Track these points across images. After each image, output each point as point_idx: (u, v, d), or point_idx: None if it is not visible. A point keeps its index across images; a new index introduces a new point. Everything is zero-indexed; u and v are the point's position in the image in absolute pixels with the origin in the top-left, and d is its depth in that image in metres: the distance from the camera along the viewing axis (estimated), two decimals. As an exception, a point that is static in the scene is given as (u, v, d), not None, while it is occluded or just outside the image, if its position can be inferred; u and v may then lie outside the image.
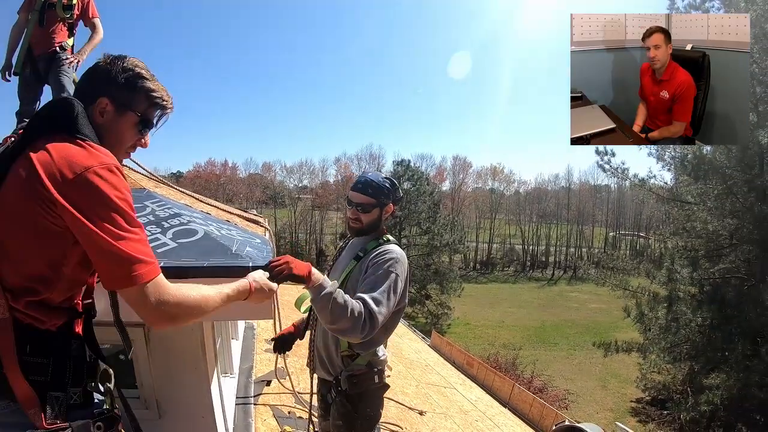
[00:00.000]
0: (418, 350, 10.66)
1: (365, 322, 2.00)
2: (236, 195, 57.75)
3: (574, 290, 47.65)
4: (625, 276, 19.60)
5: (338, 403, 2.38)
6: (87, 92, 1.40)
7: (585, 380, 25.26)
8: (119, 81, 1.41)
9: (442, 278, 37.46)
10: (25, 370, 1.17)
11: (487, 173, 69.26)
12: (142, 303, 1.23)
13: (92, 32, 4.35)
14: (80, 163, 1.20)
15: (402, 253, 2.32)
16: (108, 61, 1.43)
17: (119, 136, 1.45)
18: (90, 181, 1.19)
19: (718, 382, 13.33)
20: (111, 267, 1.21)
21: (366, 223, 2.39)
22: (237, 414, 3.61)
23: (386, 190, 2.37)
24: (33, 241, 1.21)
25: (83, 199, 1.18)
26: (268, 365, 4.79)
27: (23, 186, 1.19)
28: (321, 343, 2.45)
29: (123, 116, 1.43)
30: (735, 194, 14.16)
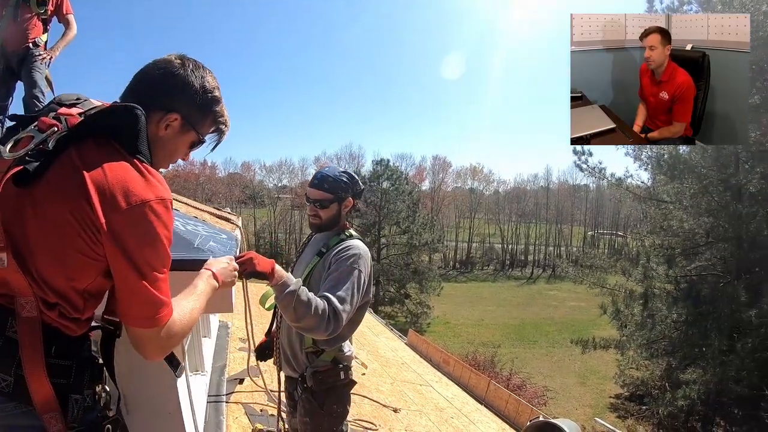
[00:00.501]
0: (394, 348, 10.66)
1: (329, 320, 2.02)
2: (215, 194, 56.99)
3: (552, 288, 48.17)
4: (602, 274, 19.98)
5: (304, 400, 2.38)
6: (152, 100, 1.27)
7: (564, 377, 25.59)
8: (196, 100, 1.33)
9: (422, 277, 37.57)
10: (49, 372, 1.12)
11: (467, 173, 69.69)
12: (154, 342, 1.21)
13: (66, 28, 4.29)
14: (137, 194, 1.12)
15: (364, 248, 2.33)
16: (187, 72, 1.31)
17: (173, 153, 1.39)
18: (143, 216, 1.12)
19: (695, 377, 13.61)
20: (138, 308, 1.16)
21: (325, 218, 2.38)
22: (208, 412, 3.58)
23: (343, 184, 2.34)
24: (64, 261, 1.13)
25: (130, 236, 1.12)
26: (242, 363, 4.77)
27: (68, 200, 1.09)
28: (285, 340, 2.46)
29: (185, 134, 1.36)
30: (710, 193, 14.48)
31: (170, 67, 1.30)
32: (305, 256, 2.50)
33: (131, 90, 1.30)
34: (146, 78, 1.30)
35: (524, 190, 70.07)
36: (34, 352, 1.10)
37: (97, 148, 1.16)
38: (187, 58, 1.34)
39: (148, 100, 1.25)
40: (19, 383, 1.09)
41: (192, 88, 1.31)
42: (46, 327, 1.13)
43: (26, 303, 1.10)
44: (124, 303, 1.17)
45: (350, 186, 2.36)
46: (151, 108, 1.25)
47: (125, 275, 1.13)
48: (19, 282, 1.09)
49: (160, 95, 1.28)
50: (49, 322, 1.14)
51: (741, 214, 13.53)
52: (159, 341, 1.20)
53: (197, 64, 1.35)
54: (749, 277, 14.74)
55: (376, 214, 38.13)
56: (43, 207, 1.10)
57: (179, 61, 1.32)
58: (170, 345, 1.26)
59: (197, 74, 1.33)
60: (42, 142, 1.14)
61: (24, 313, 1.10)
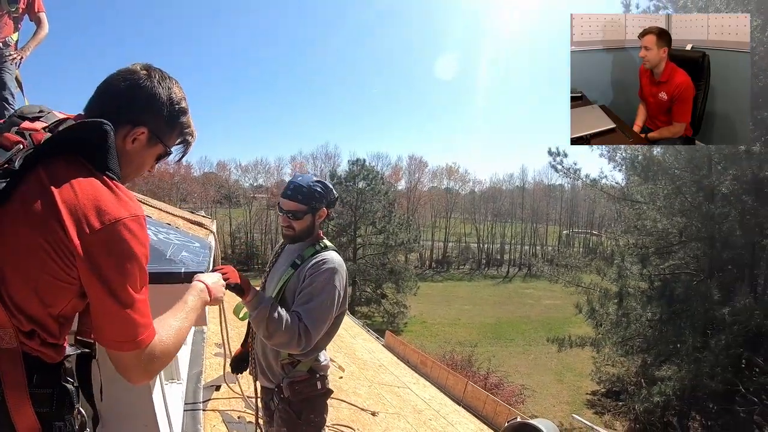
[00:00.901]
0: (371, 350, 10.66)
1: (300, 337, 2.03)
2: (190, 194, 56.22)
3: (528, 287, 48.72)
4: (577, 273, 20.24)
5: (281, 411, 2.35)
6: (118, 113, 1.22)
7: (541, 375, 25.89)
8: (164, 113, 1.29)
9: (398, 277, 37.57)
10: (33, 402, 1.08)
11: (443, 173, 70.07)
12: (136, 366, 1.17)
13: (37, 27, 4.18)
14: (110, 212, 1.08)
15: (339, 261, 2.29)
16: (153, 84, 1.27)
17: (140, 166, 1.35)
18: (117, 235, 1.08)
19: (670, 373, 13.91)
20: (116, 332, 1.12)
21: (298, 230, 2.31)
22: (185, 420, 3.54)
23: (317, 194, 2.27)
24: (38, 286, 1.07)
25: (106, 257, 1.07)
26: (218, 369, 4.70)
27: (38, 223, 1.04)
28: (260, 351, 2.42)
29: (152, 147, 1.32)
30: (684, 194, 14.80)
31: (136, 78, 1.25)
32: (279, 267, 2.44)
33: (96, 102, 1.25)
34: (111, 90, 1.25)
35: (500, 190, 70.78)
36: (16, 384, 1.06)
37: (65, 165, 1.10)
38: (152, 69, 1.30)
39: (114, 113, 1.20)
40: (2, 415, 1.04)
41: (159, 100, 1.27)
42: (26, 356, 1.09)
43: (4, 334, 1.05)
44: (101, 327, 1.13)
45: (324, 196, 2.30)
46: (117, 122, 1.20)
47: (102, 299, 1.09)
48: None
49: (126, 109, 1.24)
50: (29, 351, 1.09)
51: (713, 215, 13.85)
52: (142, 364, 1.17)
53: (163, 75, 1.31)
54: (722, 275, 15.13)
55: (352, 214, 37.99)
56: (14, 230, 1.04)
57: (145, 72, 1.27)
58: (156, 367, 1.22)
59: (164, 86, 1.28)
60: (7, 161, 1.07)
61: (3, 345, 1.05)
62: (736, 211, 13.94)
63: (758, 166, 12.36)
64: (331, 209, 2.39)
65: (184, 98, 1.36)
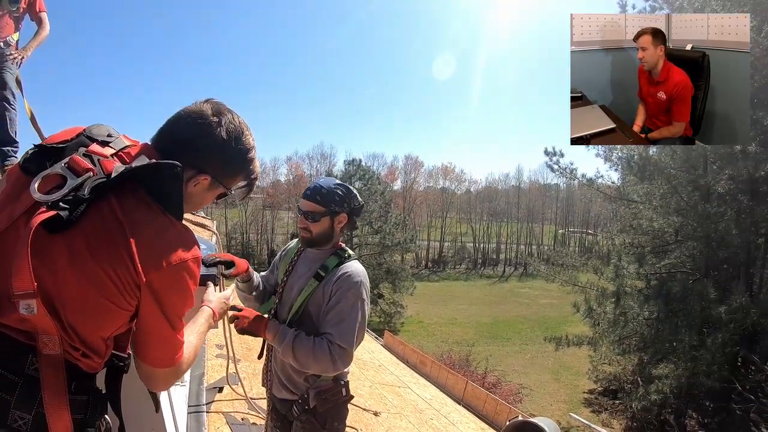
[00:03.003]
0: (371, 350, 10.65)
1: (335, 360, 2.00)
2: (187, 194, 56.14)
3: (525, 286, 48.80)
4: (574, 272, 20.31)
5: (304, 422, 2.27)
6: (185, 158, 1.23)
7: (538, 374, 25.93)
8: (230, 163, 1.33)
9: (395, 277, 37.59)
10: (71, 408, 1.10)
11: (439, 173, 70.14)
12: (166, 378, 1.29)
13: (38, 27, 4.15)
14: (176, 254, 1.14)
15: (364, 273, 2.21)
16: (223, 133, 1.27)
17: (198, 205, 1.41)
18: (180, 275, 1.16)
19: (667, 372, 13.96)
20: (162, 352, 1.23)
21: (316, 233, 2.20)
22: (189, 423, 3.51)
23: (337, 197, 2.17)
24: (96, 312, 1.12)
25: (166, 291, 1.15)
26: (220, 371, 4.69)
27: (108, 253, 1.07)
28: (279, 366, 2.33)
29: (213, 190, 1.36)
30: (679, 193, 14.87)
31: (206, 125, 1.26)
32: (299, 276, 2.29)
33: (164, 140, 1.28)
34: (180, 132, 1.27)
35: (496, 190, 70.91)
36: (57, 390, 1.07)
37: (136, 202, 1.14)
38: (223, 113, 1.30)
39: (180, 156, 1.21)
40: (37, 421, 1.05)
41: (228, 151, 1.30)
42: (67, 364, 1.11)
43: (49, 341, 1.07)
44: (149, 346, 1.22)
45: (345, 200, 2.19)
46: (183, 164, 1.21)
47: (158, 326, 1.18)
48: (46, 324, 1.05)
49: (193, 155, 1.26)
50: (70, 360, 1.12)
51: (709, 214, 13.92)
52: (169, 378, 1.30)
53: (234, 120, 1.31)
54: (717, 274, 15.22)
55: (356, 224, 37.98)
56: (82, 258, 1.06)
57: (216, 119, 1.27)
58: (177, 379, 1.34)
59: (233, 135, 1.29)
60: (77, 188, 1.08)
61: (46, 351, 1.07)
62: (732, 211, 14.03)
63: (754, 166, 12.42)
64: (355, 217, 2.28)
65: (253, 147, 1.38)
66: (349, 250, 2.30)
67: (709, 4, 11.80)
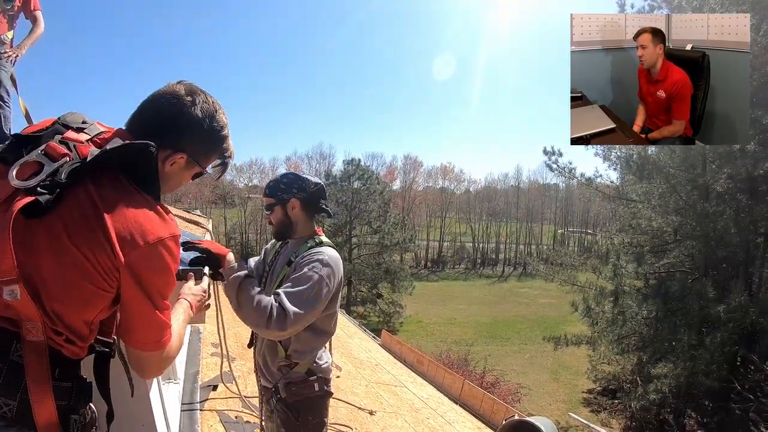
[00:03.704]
0: (368, 349, 10.63)
1: (272, 316, 1.96)
2: (185, 195, 56.00)
3: (524, 286, 48.80)
4: (573, 272, 20.31)
5: (279, 411, 2.35)
6: (161, 137, 1.25)
7: (537, 373, 25.92)
8: (205, 141, 1.35)
9: (394, 277, 37.57)
10: (54, 395, 1.11)
11: (438, 172, 70.17)
12: (156, 363, 1.29)
13: (33, 25, 4.15)
14: (153, 232, 1.14)
15: (333, 255, 2.25)
16: (197, 111, 1.30)
17: (176, 185, 1.41)
18: (158, 253, 1.15)
19: (666, 371, 13.95)
20: (147, 333, 1.22)
21: (275, 222, 2.35)
22: (182, 420, 3.52)
23: (282, 185, 2.30)
24: (78, 295, 1.12)
25: (146, 270, 1.14)
26: (214, 369, 4.69)
27: (89, 239, 1.08)
28: (260, 351, 2.44)
29: (189, 169, 1.38)
30: (678, 192, 14.87)
31: (180, 104, 1.29)
32: (278, 266, 2.41)
33: (138, 121, 1.29)
34: (155, 112, 1.29)
35: (495, 190, 70.91)
36: (41, 376, 1.09)
37: (111, 184, 1.15)
38: (196, 93, 1.33)
39: (156, 136, 1.24)
40: (22, 407, 1.06)
41: (202, 129, 1.32)
42: (51, 350, 1.12)
43: (32, 327, 1.08)
44: (134, 329, 1.22)
45: (291, 187, 2.30)
46: (159, 144, 1.24)
47: (140, 306, 1.18)
48: (29, 310, 1.07)
49: (168, 134, 1.28)
50: (53, 345, 1.13)
51: (708, 213, 13.92)
52: (160, 362, 1.29)
53: (207, 99, 1.34)
54: (716, 273, 15.22)
55: (348, 214, 37.93)
56: (60, 242, 1.07)
57: (189, 98, 1.30)
58: (167, 364, 1.34)
59: (207, 113, 1.32)
60: (54, 173, 1.10)
61: (30, 337, 1.09)
62: (731, 210, 14.04)
63: (752, 165, 12.43)
64: (313, 201, 2.35)
65: (227, 125, 1.40)
66: (323, 237, 2.36)
67: (707, 4, 11.80)
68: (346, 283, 36.41)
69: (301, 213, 2.33)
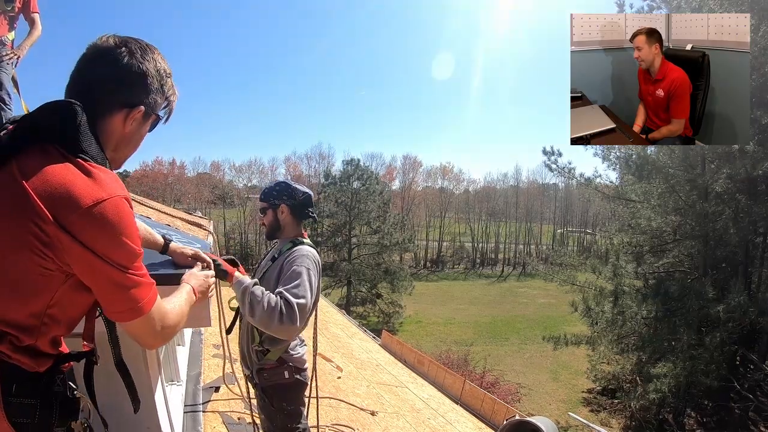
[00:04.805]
0: (368, 350, 10.65)
1: (281, 312, 2.16)
2: (184, 195, 55.98)
3: (523, 286, 48.71)
4: (572, 271, 20.29)
5: (257, 397, 2.66)
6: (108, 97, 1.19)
7: (537, 373, 25.89)
8: (154, 87, 1.26)
9: (393, 277, 37.44)
10: (9, 412, 1.05)
11: (437, 172, 70.09)
12: (150, 330, 1.21)
13: (31, 27, 4.16)
14: (88, 196, 1.03)
15: (312, 252, 2.52)
16: (138, 60, 1.22)
17: (138, 142, 1.32)
18: (99, 215, 1.04)
19: (665, 370, 13.95)
20: (119, 299, 1.13)
21: (267, 224, 2.67)
22: (186, 422, 3.56)
23: (274, 192, 2.63)
24: (12, 287, 1.05)
25: (90, 234, 1.04)
26: (216, 371, 4.71)
27: (13, 216, 1.01)
28: (240, 337, 2.71)
29: (146, 121, 1.30)
30: (677, 192, 14.87)
31: (119, 58, 1.19)
32: (263, 262, 2.72)
33: (76, 88, 1.19)
34: (94, 74, 1.19)
35: (494, 189, 70.71)
36: None
37: (39, 155, 1.05)
38: (130, 42, 1.23)
39: (105, 99, 1.18)
40: None
41: (149, 77, 1.24)
42: (4, 365, 1.07)
43: None
44: (106, 300, 1.15)
45: (282, 194, 2.63)
46: (110, 107, 1.19)
47: (97, 271, 1.08)
48: None
49: (117, 92, 1.20)
50: (5, 359, 1.07)
51: (707, 213, 13.94)
52: (150, 329, 1.21)
53: (142, 47, 1.25)
54: (716, 273, 15.23)
55: (347, 215, 37.89)
56: None
57: (125, 49, 1.21)
58: (167, 334, 1.27)
59: (149, 59, 1.25)
60: None
61: None
62: (730, 210, 14.05)
63: (751, 165, 12.44)
64: (300, 207, 2.65)
65: (166, 63, 1.33)
66: (305, 240, 2.64)
67: (706, 4, 11.81)
68: (346, 283, 36.43)
69: (290, 217, 2.64)
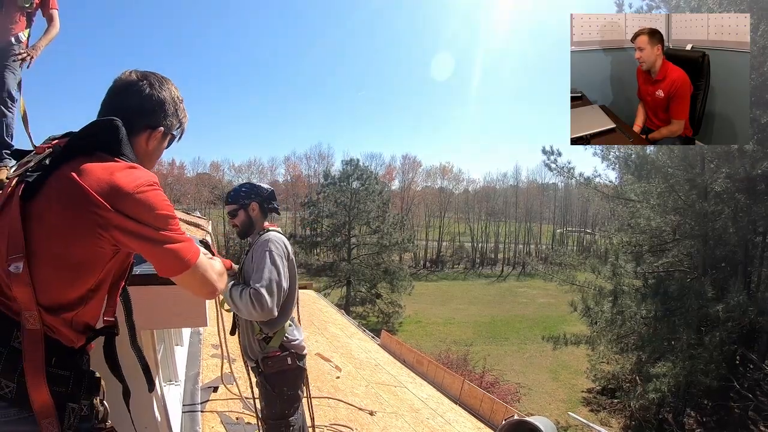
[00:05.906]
0: (367, 350, 10.64)
1: (253, 302, 2.49)
2: (184, 195, 55.97)
3: (523, 286, 48.67)
4: (572, 271, 20.27)
5: (259, 385, 2.84)
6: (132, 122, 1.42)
7: (536, 373, 25.88)
8: (170, 112, 1.52)
9: (393, 277, 37.42)
10: (49, 380, 1.23)
11: (437, 172, 70.09)
12: (195, 282, 1.42)
13: (48, 25, 4.05)
14: (131, 183, 1.27)
15: (275, 236, 2.78)
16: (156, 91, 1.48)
17: (156, 158, 1.58)
18: (142, 195, 1.28)
19: (665, 370, 13.94)
20: (169, 256, 1.33)
21: (240, 224, 2.89)
22: (184, 422, 3.58)
23: (242, 192, 2.87)
24: (75, 269, 1.28)
25: (137, 209, 1.27)
26: (215, 371, 4.71)
27: (70, 205, 1.23)
28: (242, 334, 2.90)
29: (164, 140, 1.55)
30: (677, 192, 14.85)
31: (141, 90, 1.45)
32: (243, 258, 2.93)
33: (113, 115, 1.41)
34: (121, 103, 1.44)
35: (493, 189, 70.68)
36: (35, 362, 1.21)
37: (85, 159, 1.29)
38: (149, 76, 1.49)
39: (129, 123, 1.41)
40: (21, 390, 1.20)
41: (167, 104, 1.50)
42: (48, 339, 1.26)
43: (30, 316, 1.22)
44: (157, 260, 1.35)
45: (250, 193, 2.87)
46: (135, 129, 1.44)
47: (146, 237, 1.29)
48: (26, 296, 1.21)
49: (140, 117, 1.45)
50: (50, 334, 1.27)
51: (707, 213, 13.93)
52: (201, 279, 1.42)
53: (159, 78, 1.51)
54: (715, 272, 15.23)
55: (346, 215, 37.90)
56: (47, 216, 1.23)
57: (146, 81, 1.47)
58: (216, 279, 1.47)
59: (165, 89, 1.51)
60: (40, 162, 1.31)
61: (28, 326, 1.22)
62: (729, 209, 14.05)
63: (751, 164, 12.45)
64: (267, 203, 2.92)
65: (179, 91, 1.58)
66: (273, 227, 2.90)
67: (705, 3, 11.81)
68: (346, 283, 36.41)
69: (259, 214, 2.90)
